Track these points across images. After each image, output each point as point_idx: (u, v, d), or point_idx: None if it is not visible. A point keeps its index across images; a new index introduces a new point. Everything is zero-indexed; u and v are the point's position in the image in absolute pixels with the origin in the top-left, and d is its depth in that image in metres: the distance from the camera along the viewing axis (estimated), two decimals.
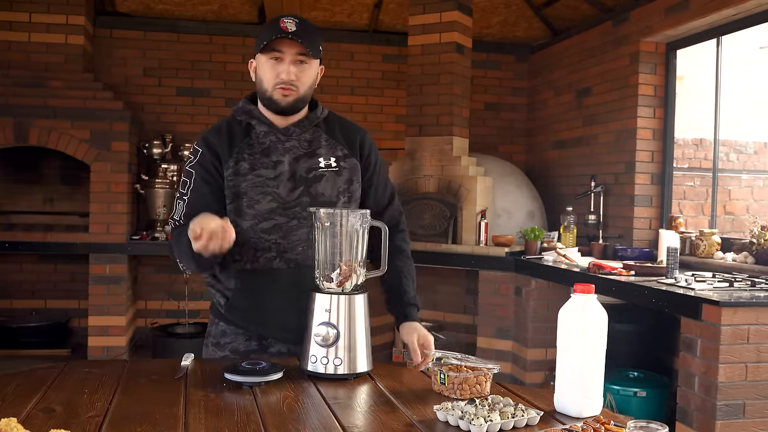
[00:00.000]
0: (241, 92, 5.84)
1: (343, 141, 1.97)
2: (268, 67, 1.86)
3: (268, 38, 1.81)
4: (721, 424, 2.85)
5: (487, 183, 4.93)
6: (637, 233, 4.66)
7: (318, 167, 1.91)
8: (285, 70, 1.84)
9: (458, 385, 1.56)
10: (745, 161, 5.29)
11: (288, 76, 1.84)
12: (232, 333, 1.96)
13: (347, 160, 1.96)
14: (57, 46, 5.23)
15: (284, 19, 1.83)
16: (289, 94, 1.86)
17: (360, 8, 5.71)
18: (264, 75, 1.87)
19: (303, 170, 1.90)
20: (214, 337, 1.99)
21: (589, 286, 1.47)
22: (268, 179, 1.88)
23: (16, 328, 5.26)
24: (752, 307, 2.89)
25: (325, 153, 1.93)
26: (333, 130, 1.98)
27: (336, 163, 1.93)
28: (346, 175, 1.94)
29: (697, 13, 4.09)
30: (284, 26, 1.81)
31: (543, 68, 6.06)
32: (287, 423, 1.38)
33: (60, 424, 1.29)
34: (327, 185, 1.91)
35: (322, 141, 1.95)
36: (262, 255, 1.88)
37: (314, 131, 1.96)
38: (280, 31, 1.80)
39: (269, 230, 1.87)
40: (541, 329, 4.46)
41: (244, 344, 1.95)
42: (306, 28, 1.84)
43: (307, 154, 1.92)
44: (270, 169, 1.88)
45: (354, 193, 1.96)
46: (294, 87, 1.85)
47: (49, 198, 5.59)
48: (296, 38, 1.80)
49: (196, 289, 5.77)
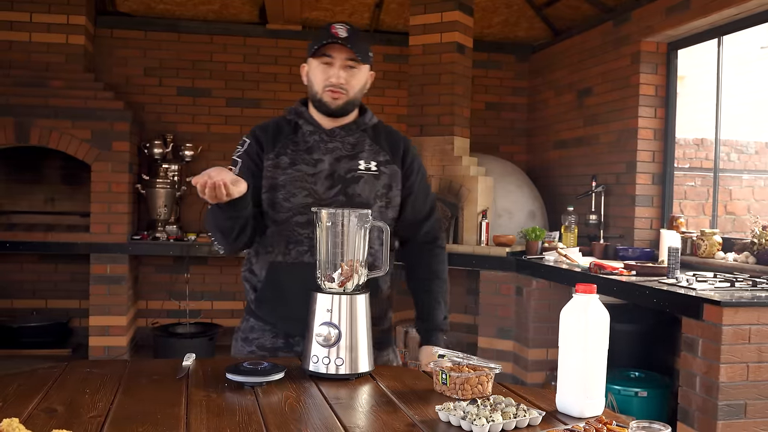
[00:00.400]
0: (242, 92, 5.91)
1: (386, 147, 2.02)
2: (319, 71, 1.91)
3: (319, 43, 1.87)
4: (723, 424, 2.85)
5: (488, 183, 4.93)
6: (638, 233, 4.66)
7: (357, 169, 1.95)
8: (335, 74, 1.90)
9: (460, 385, 1.56)
10: (746, 161, 5.28)
11: (338, 79, 1.90)
12: (260, 329, 2.00)
13: (388, 165, 1.99)
14: (58, 46, 5.23)
15: (335, 25, 1.89)
16: (338, 96, 1.92)
17: (361, 8, 5.71)
18: (315, 78, 1.93)
19: (342, 170, 1.94)
20: (243, 332, 2.04)
21: (591, 286, 1.47)
22: (307, 175, 1.93)
23: (17, 328, 5.27)
24: (753, 307, 2.88)
25: (366, 156, 1.98)
26: (378, 137, 2.03)
27: (376, 167, 1.97)
28: (385, 180, 1.98)
29: (698, 13, 4.09)
30: (335, 32, 1.87)
31: (544, 68, 6.06)
32: (289, 423, 1.37)
33: (62, 425, 1.29)
34: (365, 187, 1.95)
35: (365, 145, 2.00)
36: (294, 248, 1.92)
37: (360, 135, 2.00)
38: (331, 36, 1.86)
39: (304, 224, 1.91)
40: (542, 329, 4.46)
41: (271, 341, 1.98)
42: (356, 35, 1.90)
43: (348, 156, 1.96)
44: (310, 165, 1.94)
45: (393, 199, 1.99)
46: (343, 90, 1.91)
47: (50, 198, 5.59)
48: (346, 44, 1.86)
49: (197, 289, 5.78)
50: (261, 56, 5.95)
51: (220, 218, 1.83)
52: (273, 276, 1.95)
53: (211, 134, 5.89)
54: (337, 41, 1.86)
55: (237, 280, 5.91)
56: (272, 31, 5.93)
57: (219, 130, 5.90)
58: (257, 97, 5.95)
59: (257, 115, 5.93)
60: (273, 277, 1.95)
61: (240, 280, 6.40)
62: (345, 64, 1.89)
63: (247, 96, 5.93)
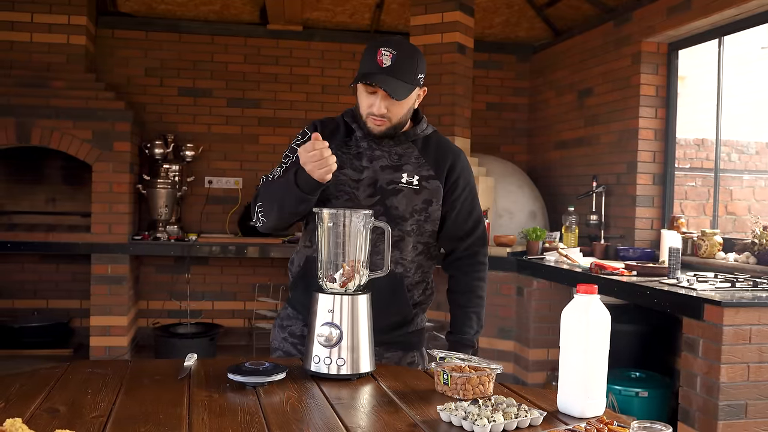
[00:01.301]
0: (243, 92, 5.92)
1: (432, 161, 2.00)
2: (364, 96, 1.92)
3: (364, 70, 1.86)
4: (723, 424, 2.85)
5: (488, 183, 4.93)
6: (639, 233, 4.66)
7: (399, 181, 1.95)
8: (377, 105, 1.89)
9: (461, 386, 1.56)
10: (747, 161, 5.27)
11: (379, 110, 1.89)
12: (294, 317, 2.06)
13: (431, 181, 1.98)
14: (59, 46, 5.23)
15: (382, 49, 1.86)
16: (381, 124, 1.92)
17: (362, 8, 5.71)
18: (361, 101, 1.94)
19: (385, 181, 1.95)
20: (281, 319, 2.11)
21: (592, 286, 1.48)
22: (351, 180, 1.95)
23: (18, 328, 5.27)
24: (754, 307, 2.89)
25: (411, 170, 1.97)
26: (427, 149, 2.01)
27: (418, 182, 1.96)
28: (426, 195, 1.96)
29: (699, 13, 4.09)
30: (379, 60, 1.85)
31: (545, 68, 6.06)
32: (291, 423, 1.38)
33: (64, 425, 1.30)
34: (403, 200, 1.94)
35: (412, 158, 1.99)
36: None
37: (408, 146, 2.00)
38: (375, 65, 1.85)
39: None
40: (542, 329, 4.46)
41: (301, 329, 2.03)
42: (401, 62, 1.86)
43: (393, 166, 1.97)
44: (356, 171, 1.96)
45: (432, 214, 1.98)
46: (386, 119, 1.91)
47: (51, 198, 5.60)
48: (389, 76, 1.84)
49: (197, 289, 5.78)
50: (262, 57, 5.95)
51: (291, 196, 1.84)
52: (307, 269, 2.00)
53: (212, 134, 5.89)
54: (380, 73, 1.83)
55: (238, 281, 5.92)
56: (273, 31, 5.93)
57: (220, 131, 5.90)
58: (258, 98, 5.96)
59: (258, 115, 5.94)
60: (307, 270, 2.00)
61: (240, 281, 6.40)
62: (387, 95, 1.87)
63: (247, 96, 5.93)
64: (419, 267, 2.01)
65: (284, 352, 2.06)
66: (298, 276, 2.04)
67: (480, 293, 2.06)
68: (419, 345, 2.10)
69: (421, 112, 2.06)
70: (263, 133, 5.95)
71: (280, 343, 2.08)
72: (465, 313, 2.04)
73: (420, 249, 2.00)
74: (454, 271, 2.08)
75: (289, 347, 2.05)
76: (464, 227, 2.05)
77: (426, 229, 1.99)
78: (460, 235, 2.05)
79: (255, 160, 5.93)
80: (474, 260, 2.08)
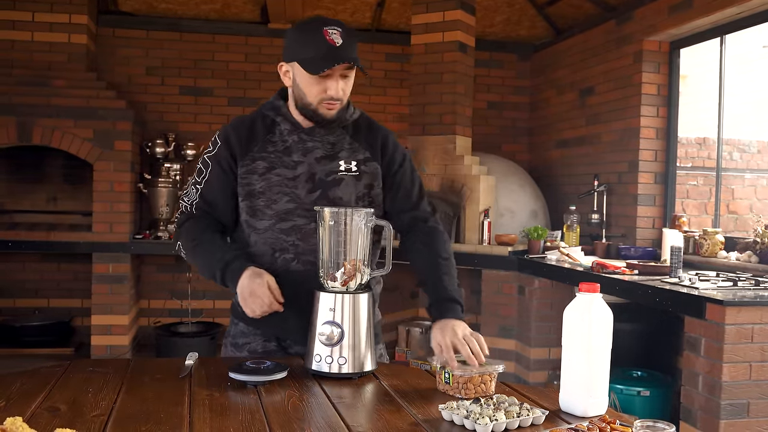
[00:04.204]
0: (244, 91, 5.92)
1: (365, 144, 1.92)
2: (314, 82, 1.79)
3: (320, 54, 1.73)
4: (725, 423, 2.85)
5: (490, 182, 4.93)
6: (641, 232, 4.66)
7: (338, 170, 1.86)
8: (333, 87, 1.79)
9: (463, 384, 1.56)
10: (749, 160, 5.27)
11: (336, 93, 1.79)
12: (251, 333, 1.94)
13: (368, 164, 1.91)
14: (60, 45, 5.23)
15: (328, 29, 1.74)
16: (334, 107, 1.82)
17: (363, 7, 5.71)
18: (308, 89, 1.81)
19: (323, 173, 1.86)
20: (233, 337, 1.97)
21: (595, 285, 1.47)
22: (287, 179, 1.85)
23: (19, 327, 5.27)
24: (756, 306, 2.88)
25: (346, 156, 1.89)
26: (358, 133, 1.93)
27: (357, 167, 1.88)
28: (367, 179, 1.89)
29: (700, 11, 4.08)
30: (330, 40, 1.73)
31: (546, 67, 6.05)
32: (292, 422, 1.37)
33: (65, 423, 1.29)
34: (346, 189, 1.86)
35: (345, 144, 1.90)
36: (281, 256, 1.85)
37: (339, 133, 1.90)
38: (328, 47, 1.73)
39: (288, 231, 1.84)
40: (544, 328, 4.46)
41: (262, 345, 1.93)
42: (350, 39, 1.77)
43: (328, 156, 1.87)
44: (289, 169, 1.85)
45: (375, 198, 1.91)
46: (338, 101, 1.82)
47: (52, 197, 5.59)
48: (344, 52, 1.74)
49: (198, 288, 5.78)
50: (263, 55, 5.95)
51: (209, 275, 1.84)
52: None
53: (213, 133, 5.82)
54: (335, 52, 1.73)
55: None
56: (274, 30, 5.93)
57: None
58: (259, 96, 5.95)
59: None
60: None
61: None
62: (342, 74, 1.79)
63: (248, 95, 5.93)
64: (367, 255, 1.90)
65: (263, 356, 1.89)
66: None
67: (445, 255, 1.90)
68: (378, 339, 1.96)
69: None
70: None
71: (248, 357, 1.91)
72: (437, 274, 1.86)
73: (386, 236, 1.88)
74: (410, 245, 1.95)
75: None
76: (410, 199, 1.96)
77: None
78: (408, 207, 1.95)
79: None
80: (427, 226, 1.95)
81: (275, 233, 1.85)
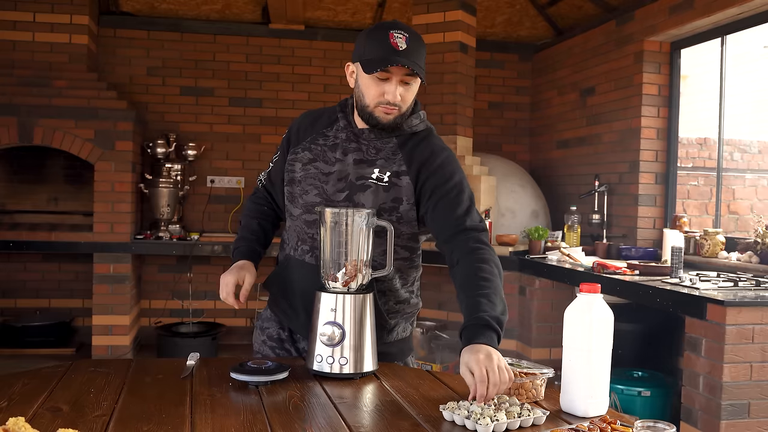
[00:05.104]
0: (245, 91, 5.91)
1: (407, 157, 1.83)
2: (373, 84, 1.76)
3: (378, 58, 1.71)
4: (726, 423, 2.85)
5: (490, 182, 4.93)
6: (641, 233, 4.66)
7: (369, 177, 1.82)
8: (391, 92, 1.75)
9: (514, 391, 1.54)
10: (750, 160, 5.27)
11: (394, 98, 1.75)
12: (272, 319, 2.03)
13: (401, 177, 1.82)
14: (61, 46, 5.24)
15: (394, 32, 1.72)
16: (391, 112, 1.78)
17: (363, 8, 5.71)
18: (367, 91, 1.78)
19: (354, 176, 1.82)
20: (261, 320, 2.07)
21: (596, 285, 1.47)
22: (322, 173, 1.86)
23: (21, 328, 5.28)
24: (757, 306, 2.88)
25: (383, 165, 1.83)
26: (408, 145, 1.85)
27: (388, 179, 1.81)
28: (395, 193, 1.81)
29: (701, 12, 4.08)
30: (394, 43, 1.70)
31: (547, 67, 6.05)
32: (293, 422, 1.38)
33: (67, 423, 1.30)
34: (369, 197, 1.80)
35: (389, 153, 1.84)
36: (301, 245, 1.91)
37: (389, 141, 1.85)
38: (390, 49, 1.70)
39: (311, 223, 1.87)
40: (545, 329, 4.46)
41: (277, 332, 2.00)
42: (415, 45, 1.74)
43: (366, 161, 1.84)
44: (328, 164, 1.86)
45: (405, 214, 1.82)
46: (397, 107, 1.78)
47: (54, 197, 5.60)
48: (407, 58, 1.70)
49: (200, 289, 5.79)
50: (264, 56, 5.95)
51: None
52: (282, 268, 1.97)
53: (213, 134, 5.89)
54: (397, 56, 1.69)
55: None
56: (275, 30, 5.93)
57: (222, 130, 5.90)
58: (260, 97, 5.95)
59: (260, 115, 5.94)
60: (282, 269, 1.97)
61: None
62: (402, 80, 1.75)
63: (249, 95, 5.93)
64: (396, 272, 1.88)
65: (264, 356, 1.98)
66: (274, 276, 2.01)
67: (483, 275, 1.70)
68: (401, 356, 1.97)
69: (419, 106, 1.89)
70: (265, 132, 5.95)
71: (260, 346, 2.03)
72: (474, 301, 1.65)
73: (398, 253, 1.86)
74: (453, 264, 1.78)
75: (267, 351, 1.99)
76: (450, 221, 1.79)
77: (402, 231, 1.83)
78: (449, 231, 1.79)
79: (257, 159, 5.92)
80: (469, 246, 1.76)
81: (302, 223, 1.89)
